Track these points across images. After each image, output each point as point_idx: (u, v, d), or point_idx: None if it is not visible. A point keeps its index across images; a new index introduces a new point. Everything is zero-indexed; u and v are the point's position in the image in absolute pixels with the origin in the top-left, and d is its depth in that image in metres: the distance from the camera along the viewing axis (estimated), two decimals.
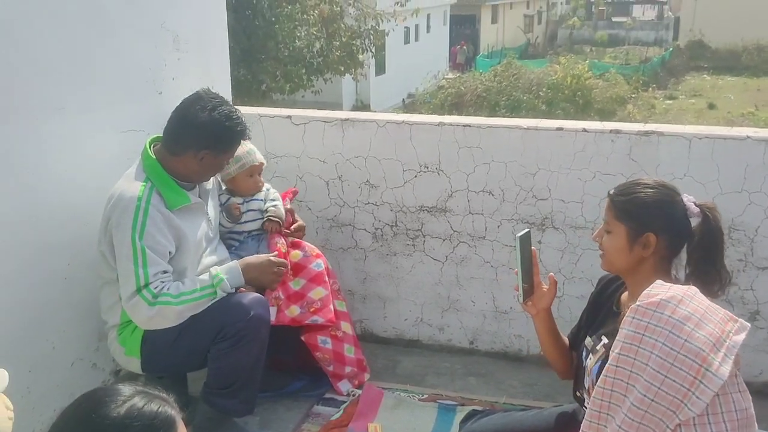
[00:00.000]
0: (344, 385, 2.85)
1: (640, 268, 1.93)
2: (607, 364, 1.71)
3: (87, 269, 2.55)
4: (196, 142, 2.43)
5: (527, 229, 2.09)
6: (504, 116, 16.78)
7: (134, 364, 2.49)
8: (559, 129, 2.82)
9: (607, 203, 1.94)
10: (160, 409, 1.25)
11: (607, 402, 1.69)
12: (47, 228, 2.48)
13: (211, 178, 2.68)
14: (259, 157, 2.80)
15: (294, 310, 2.69)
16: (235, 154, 2.65)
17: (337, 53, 16.71)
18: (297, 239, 2.82)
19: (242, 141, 2.57)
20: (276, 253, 2.64)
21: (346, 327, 2.85)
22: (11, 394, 2.02)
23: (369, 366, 2.96)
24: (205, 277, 2.43)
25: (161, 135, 2.54)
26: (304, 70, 16.12)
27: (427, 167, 3.01)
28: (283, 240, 2.74)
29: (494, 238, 3.00)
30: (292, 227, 2.84)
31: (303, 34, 16.13)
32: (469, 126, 2.91)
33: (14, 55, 2.29)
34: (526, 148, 2.87)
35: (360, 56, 17.51)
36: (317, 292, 2.72)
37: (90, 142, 2.64)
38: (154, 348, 2.42)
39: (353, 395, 2.82)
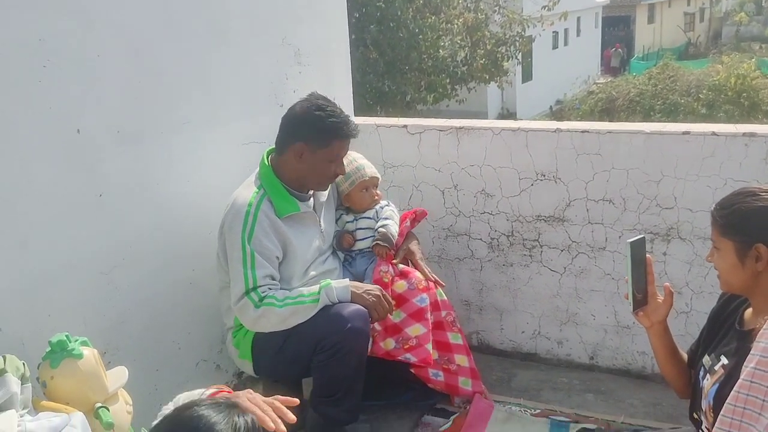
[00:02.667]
0: (458, 398, 2.81)
1: (760, 282, 1.76)
2: (740, 380, 1.58)
3: (210, 275, 2.69)
4: (293, 136, 2.51)
5: (641, 236, 1.97)
6: (659, 121, 15.89)
7: (247, 367, 2.60)
8: (686, 133, 2.63)
9: (711, 220, 1.79)
10: None
11: (738, 420, 1.56)
12: (175, 237, 2.66)
13: (328, 192, 2.74)
14: (370, 171, 2.77)
15: (389, 344, 2.61)
16: (346, 171, 2.67)
17: (482, 61, 16.59)
18: (407, 269, 2.70)
19: (344, 140, 2.53)
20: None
21: (461, 360, 2.73)
22: (139, 392, 2.20)
23: (484, 377, 2.87)
24: (314, 286, 2.47)
25: None
26: (448, 80, 16.16)
27: (544, 175, 2.91)
28: (389, 268, 2.66)
29: (615, 249, 2.85)
30: (397, 253, 2.74)
31: (447, 43, 16.18)
32: (588, 132, 2.79)
33: (144, 75, 2.47)
34: (649, 154, 2.70)
35: (505, 64, 17.27)
36: (415, 329, 2.60)
37: (214, 154, 2.80)
38: (262, 353, 2.52)
39: (464, 407, 2.77)
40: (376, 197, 2.81)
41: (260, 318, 2.41)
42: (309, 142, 2.49)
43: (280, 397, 1.61)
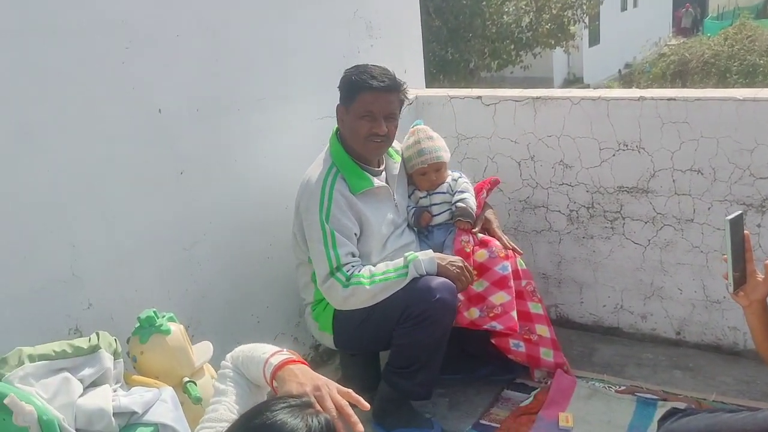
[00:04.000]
0: (538, 372, 2.77)
1: None
2: None
3: (287, 249, 2.70)
4: (339, 99, 2.52)
5: (740, 212, 1.86)
6: (737, 84, 15.22)
7: (327, 339, 2.61)
8: None
9: None
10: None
11: None
12: (252, 211, 2.68)
13: (400, 165, 2.70)
14: (431, 157, 2.67)
15: (473, 313, 2.58)
16: (408, 153, 2.67)
17: (547, 26, 16.20)
18: (487, 238, 2.66)
19: (372, 93, 2.43)
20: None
21: (542, 330, 2.68)
22: (220, 365, 2.23)
23: (564, 352, 2.81)
24: (399, 260, 2.45)
25: None
26: (512, 46, 15.84)
27: (627, 145, 2.80)
28: (470, 237, 2.63)
29: (704, 221, 2.73)
30: (475, 222, 2.68)
31: (511, 9, 15.86)
32: (674, 99, 2.66)
33: (220, 54, 2.49)
34: (741, 121, 2.56)
35: (571, 28, 16.81)
36: (499, 297, 2.57)
37: (289, 130, 2.80)
38: (343, 326, 2.52)
39: (545, 382, 2.73)
40: (437, 180, 2.72)
41: (350, 297, 2.40)
42: (343, 102, 2.51)
43: (353, 394, 1.52)
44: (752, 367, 2.70)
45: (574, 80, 22.29)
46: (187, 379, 1.99)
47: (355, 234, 2.48)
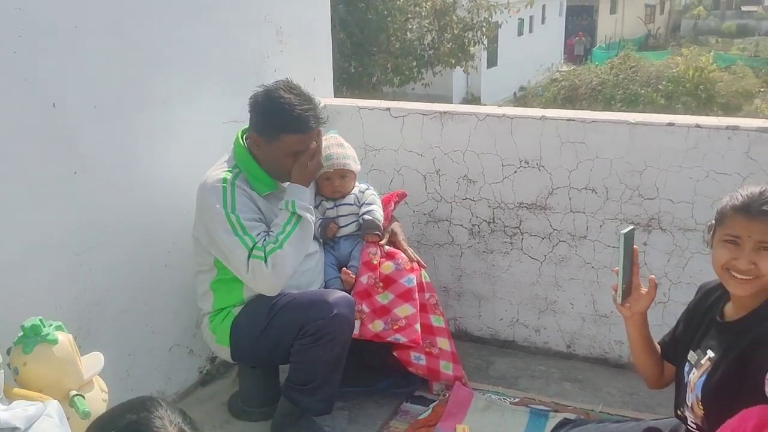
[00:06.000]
0: (437, 385, 2.80)
1: None
2: None
3: (186, 257, 2.62)
4: (252, 126, 2.44)
5: (632, 227, 1.97)
6: (619, 110, 16.11)
7: (224, 353, 2.54)
8: (670, 124, 2.64)
9: (763, 221, 1.70)
10: None
11: None
12: (151, 218, 2.57)
13: None
14: (337, 163, 2.67)
15: (378, 325, 2.57)
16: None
17: (448, 45, 16.59)
18: (393, 250, 2.67)
19: (299, 135, 2.37)
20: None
21: (443, 343, 2.70)
22: (111, 376, 2.12)
23: (462, 365, 2.86)
24: (283, 214, 2.39)
25: None
26: (414, 63, 16.11)
27: (528, 162, 2.90)
28: (377, 250, 2.64)
29: (596, 238, 2.86)
30: (383, 235, 2.70)
31: (414, 26, 16.14)
32: (573, 120, 2.78)
33: (123, 49, 2.38)
34: (633, 144, 2.70)
35: (471, 49, 17.30)
36: (404, 309, 2.57)
37: (195, 133, 2.71)
38: (241, 338, 2.45)
39: (443, 395, 2.76)
40: (341, 188, 2.71)
41: (276, 267, 2.31)
42: (260, 134, 2.40)
43: None
44: (635, 380, 2.80)
45: (472, 99, 22.92)
46: (74, 392, 1.87)
47: (263, 221, 2.41)
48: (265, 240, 2.35)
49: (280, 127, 2.37)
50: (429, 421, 2.61)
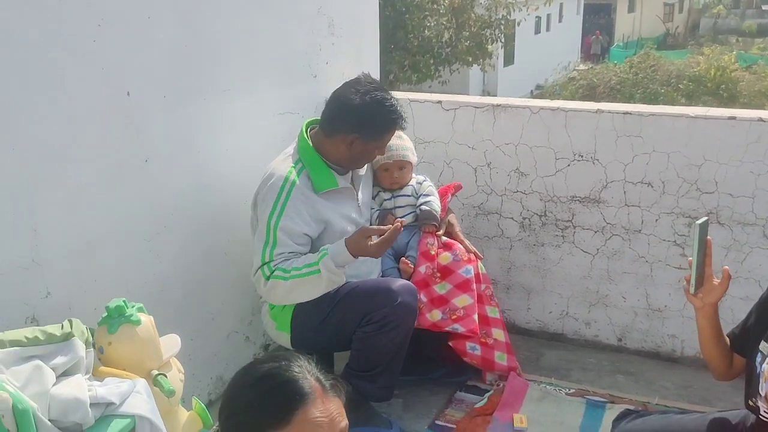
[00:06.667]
0: (490, 375, 2.82)
1: None
2: None
3: (243, 246, 2.65)
4: (347, 125, 2.45)
5: (706, 218, 1.97)
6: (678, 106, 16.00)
7: (284, 339, 2.57)
8: (732, 118, 2.64)
9: None
10: (293, 382, 1.29)
11: None
12: (212, 205, 2.61)
13: (366, 165, 2.70)
14: (396, 154, 2.71)
15: (435, 315, 2.60)
16: None
17: (466, 43, 16.57)
18: (450, 241, 2.70)
19: (395, 132, 2.54)
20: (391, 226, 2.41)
21: (498, 334, 2.73)
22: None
23: (516, 357, 2.88)
24: (314, 255, 2.39)
25: (318, 118, 2.59)
26: (432, 61, 16.10)
27: (582, 156, 2.91)
28: (435, 240, 2.66)
29: (651, 233, 2.87)
30: (440, 225, 2.73)
31: (432, 23, 16.11)
32: (630, 114, 2.79)
33: (190, 40, 2.41)
34: (692, 138, 2.71)
35: (489, 47, 17.27)
36: (462, 300, 2.61)
37: (251, 123, 2.74)
38: (302, 325, 2.49)
39: (497, 385, 2.78)
40: (399, 179, 2.74)
41: (269, 291, 2.40)
42: (364, 135, 2.46)
43: None
44: (690, 373, 2.85)
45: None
46: (156, 371, 1.90)
47: (306, 234, 2.44)
48: (283, 260, 2.38)
49: (386, 129, 2.49)
50: (485, 410, 2.64)
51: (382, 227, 2.40)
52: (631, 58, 21.38)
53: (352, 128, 2.44)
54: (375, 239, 2.35)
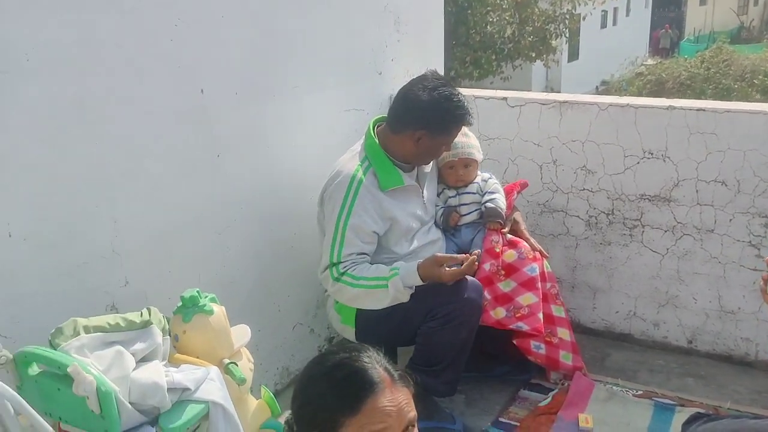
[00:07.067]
0: (554, 374, 2.80)
1: None
2: None
3: (309, 240, 2.69)
4: (415, 122, 2.46)
5: None
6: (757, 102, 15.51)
7: (349, 332, 2.60)
8: None
9: None
10: (364, 371, 1.35)
11: None
12: (279, 199, 2.67)
13: (431, 162, 2.71)
14: (462, 152, 2.70)
15: (500, 312, 2.59)
16: None
17: (529, 39, 16.36)
18: (515, 239, 2.68)
19: (461, 127, 2.55)
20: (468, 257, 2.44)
21: (563, 333, 2.70)
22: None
23: (581, 356, 2.84)
24: (386, 269, 2.41)
25: (385, 115, 2.61)
26: (494, 57, 15.95)
27: (652, 153, 2.85)
28: (500, 238, 2.65)
29: (724, 233, 2.79)
30: (505, 223, 2.71)
31: (495, 19, 15.96)
32: (704, 110, 2.71)
33: (261, 38, 2.47)
34: None
35: (553, 42, 17.00)
36: (527, 298, 2.59)
37: (318, 120, 2.79)
38: (367, 319, 2.50)
39: (562, 384, 2.76)
40: (465, 176, 2.73)
41: (336, 292, 2.46)
42: (432, 131, 2.47)
43: None
44: (764, 378, 2.76)
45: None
46: (227, 360, 1.97)
47: (375, 232, 2.47)
48: (353, 264, 2.41)
49: (454, 124, 2.50)
50: (550, 409, 2.61)
51: (456, 256, 2.42)
52: (703, 53, 20.69)
53: (420, 124, 2.45)
54: (446, 267, 2.37)
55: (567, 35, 18.17)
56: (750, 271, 2.75)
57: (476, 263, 2.41)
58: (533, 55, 16.86)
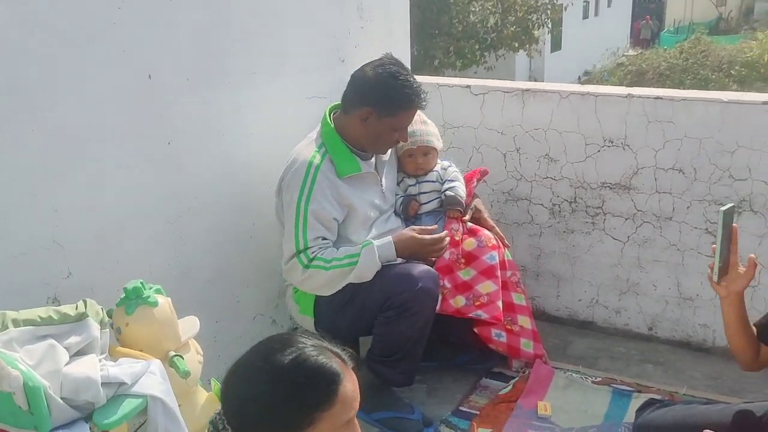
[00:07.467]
0: (516, 362, 2.79)
1: None
2: None
3: (270, 229, 2.65)
4: (360, 99, 2.44)
5: (732, 204, 1.91)
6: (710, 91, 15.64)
7: (308, 323, 2.57)
8: (766, 103, 2.54)
9: None
10: (326, 363, 1.30)
11: None
12: (237, 188, 2.63)
13: (390, 151, 2.68)
14: (420, 140, 2.66)
15: (459, 301, 2.58)
16: None
17: (512, 29, 16.35)
18: (475, 227, 2.66)
19: (412, 111, 2.48)
20: (446, 232, 2.54)
21: (524, 321, 2.69)
22: (199, 342, 2.18)
23: (542, 344, 2.84)
24: (356, 248, 2.40)
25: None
26: (477, 46, 15.94)
27: (612, 142, 2.84)
28: (460, 226, 2.63)
29: (682, 220, 2.78)
30: (466, 211, 2.69)
31: (477, 8, 15.94)
32: (661, 98, 2.70)
33: (213, 21, 2.42)
34: (725, 123, 2.61)
35: (535, 32, 17.01)
36: (486, 286, 2.57)
37: (278, 107, 2.75)
38: (325, 309, 2.49)
39: (523, 372, 2.75)
40: (424, 165, 2.71)
41: (306, 280, 2.40)
42: (377, 109, 2.42)
43: None
44: (720, 364, 2.77)
45: None
46: (173, 353, 1.93)
47: (335, 219, 2.44)
48: (320, 249, 2.38)
49: (402, 104, 2.43)
50: (510, 397, 2.61)
51: (430, 228, 2.46)
52: (682, 44, 20.81)
53: (365, 101, 2.42)
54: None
55: (549, 26, 18.17)
56: (707, 258, 2.74)
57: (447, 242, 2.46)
58: (516, 45, 16.85)
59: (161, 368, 1.79)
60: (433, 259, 2.55)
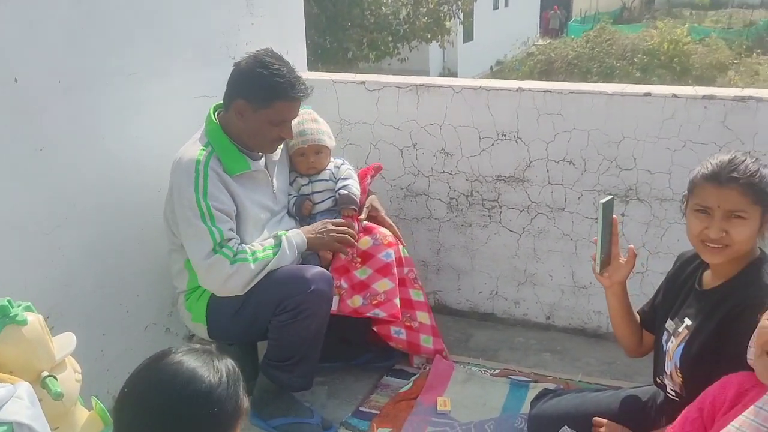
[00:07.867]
0: (417, 358, 2.79)
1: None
2: None
3: (160, 235, 2.56)
4: (234, 91, 2.38)
5: (610, 196, 1.96)
6: (596, 83, 16.16)
7: (201, 330, 2.50)
8: (647, 95, 2.62)
9: (732, 189, 1.70)
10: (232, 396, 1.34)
11: None
12: (123, 193, 2.51)
13: (281, 150, 2.62)
14: (311, 138, 2.62)
15: (356, 301, 2.56)
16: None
17: (424, 20, 16.47)
18: (371, 225, 2.65)
19: (288, 102, 2.36)
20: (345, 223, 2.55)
21: (422, 317, 2.69)
22: (85, 357, 2.07)
23: (442, 339, 2.85)
24: (270, 239, 2.41)
25: None
26: (390, 38, 15.98)
27: (505, 135, 2.87)
28: (355, 224, 2.61)
29: (574, 210, 2.85)
30: (362, 211, 2.68)
31: (389, 1, 15.97)
32: (550, 92, 2.75)
33: (87, 20, 2.29)
34: (610, 115, 2.68)
35: (447, 23, 17.19)
36: (382, 284, 2.56)
37: (163, 107, 2.64)
38: (217, 316, 2.42)
39: (424, 368, 2.75)
40: (316, 164, 2.66)
41: (233, 275, 2.27)
42: (250, 101, 2.34)
43: None
44: (613, 349, 2.83)
45: (448, 75, 22.81)
46: (46, 373, 1.82)
47: (234, 212, 2.37)
48: (236, 242, 2.32)
49: (273, 94, 2.33)
50: (410, 395, 2.61)
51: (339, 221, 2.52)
52: (588, 33, 21.50)
53: (239, 94, 2.36)
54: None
55: (460, 16, 18.39)
56: None
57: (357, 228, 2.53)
58: (428, 36, 16.97)
59: (30, 391, 1.68)
60: (346, 249, 2.54)
